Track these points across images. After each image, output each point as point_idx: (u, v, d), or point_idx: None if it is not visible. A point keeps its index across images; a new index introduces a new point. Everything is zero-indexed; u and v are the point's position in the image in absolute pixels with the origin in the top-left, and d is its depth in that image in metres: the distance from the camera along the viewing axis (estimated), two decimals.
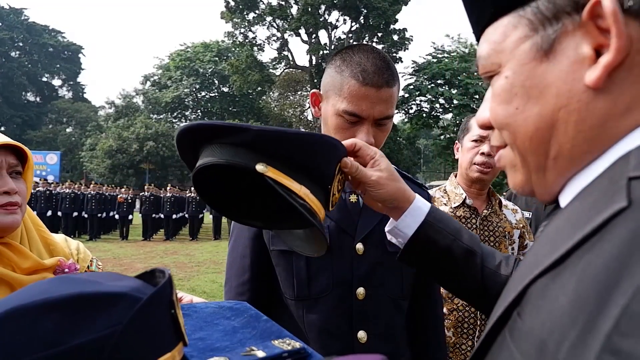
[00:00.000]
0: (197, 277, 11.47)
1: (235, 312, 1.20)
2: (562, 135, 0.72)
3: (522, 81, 0.75)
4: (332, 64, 1.61)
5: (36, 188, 20.15)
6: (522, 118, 0.76)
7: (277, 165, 1.10)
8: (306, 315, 1.62)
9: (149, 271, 0.76)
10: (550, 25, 0.70)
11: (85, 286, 0.64)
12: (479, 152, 2.63)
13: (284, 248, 1.63)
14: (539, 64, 0.72)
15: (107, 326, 0.60)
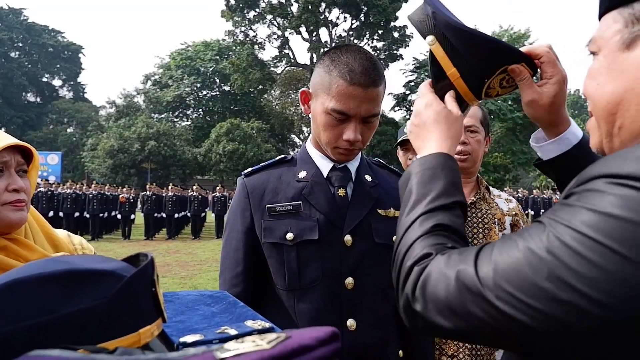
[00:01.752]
0: (200, 276, 11.45)
1: (215, 299, 1.31)
2: (626, 111, 0.89)
3: (608, 64, 0.93)
4: (321, 64, 1.71)
5: (38, 188, 20.10)
6: (600, 93, 0.94)
7: (446, 46, 1.28)
8: (297, 304, 1.70)
9: (134, 255, 0.84)
10: (637, 24, 0.88)
11: (76, 265, 0.72)
12: None
13: (275, 240, 1.73)
14: (622, 53, 0.90)
15: (95, 298, 0.68)
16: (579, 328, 0.68)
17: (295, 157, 1.89)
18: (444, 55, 1.29)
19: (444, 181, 1.09)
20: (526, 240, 0.76)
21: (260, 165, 1.89)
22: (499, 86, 1.30)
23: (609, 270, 0.64)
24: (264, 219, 1.75)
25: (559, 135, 1.30)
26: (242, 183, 1.84)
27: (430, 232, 0.99)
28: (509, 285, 0.75)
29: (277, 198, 1.76)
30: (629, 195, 0.66)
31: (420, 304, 0.89)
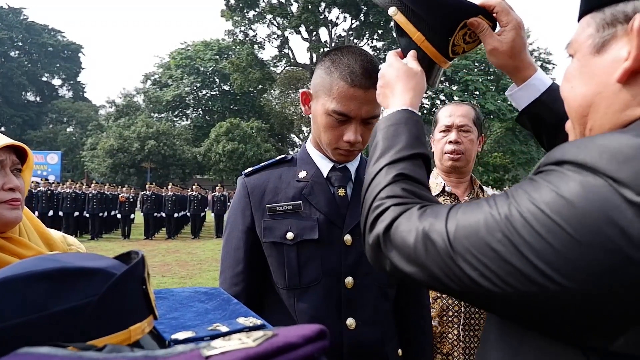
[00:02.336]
0: (199, 275, 11.46)
1: (210, 296, 1.32)
2: (596, 114, 0.93)
3: (580, 67, 0.97)
4: (322, 65, 1.73)
5: (37, 188, 20.13)
6: (573, 95, 0.99)
7: (407, 13, 1.39)
8: (297, 303, 1.71)
9: (126, 253, 0.85)
10: (607, 29, 0.90)
11: (67, 262, 0.72)
12: (447, 141, 2.67)
13: (275, 240, 1.74)
14: (593, 57, 0.93)
15: (85, 296, 0.68)
16: (522, 291, 0.75)
17: (295, 157, 1.90)
18: (406, 21, 1.40)
19: (406, 135, 1.18)
20: (490, 206, 0.83)
21: (260, 165, 1.90)
22: (463, 42, 1.41)
23: (555, 246, 0.71)
24: (264, 218, 1.76)
25: (525, 82, 1.40)
26: (242, 183, 1.85)
27: (395, 181, 1.08)
28: (467, 242, 0.83)
29: (277, 198, 1.77)
30: (586, 184, 0.70)
31: (389, 248, 0.98)
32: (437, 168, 2.83)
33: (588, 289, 0.69)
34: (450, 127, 2.67)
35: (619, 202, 0.67)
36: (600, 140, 0.75)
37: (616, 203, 0.67)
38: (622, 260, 0.66)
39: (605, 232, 0.67)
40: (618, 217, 0.66)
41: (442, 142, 2.71)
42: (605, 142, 0.74)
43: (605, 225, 0.67)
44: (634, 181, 0.67)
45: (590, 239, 0.68)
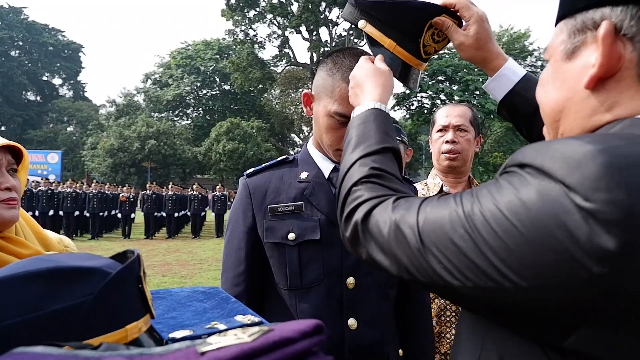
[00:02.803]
0: (200, 275, 11.46)
1: (208, 295, 1.31)
2: (566, 119, 0.96)
3: (553, 73, 0.99)
4: (324, 67, 1.73)
5: (38, 187, 20.15)
6: (546, 100, 1.01)
7: (375, 23, 1.49)
8: (299, 304, 1.72)
9: (122, 252, 0.85)
10: (578, 35, 0.92)
11: (61, 262, 0.72)
12: (444, 140, 2.70)
13: (277, 240, 1.74)
14: (564, 63, 0.95)
15: (80, 296, 0.68)
16: (480, 286, 0.78)
17: (297, 157, 1.91)
18: (375, 31, 1.50)
19: (375, 130, 1.25)
20: (456, 203, 0.86)
21: (262, 166, 1.90)
22: (432, 42, 1.49)
23: (510, 245, 0.74)
24: (265, 219, 1.76)
25: (497, 72, 1.46)
26: (244, 183, 1.85)
27: (368, 173, 1.14)
28: (433, 235, 0.87)
29: (279, 198, 1.78)
30: (541, 188, 0.73)
31: (367, 238, 1.03)
32: (435, 168, 2.85)
33: (539, 287, 0.72)
34: (447, 127, 2.70)
35: (569, 206, 0.69)
36: (556, 145, 0.76)
37: (567, 207, 0.69)
38: (570, 261, 0.68)
39: (555, 234, 0.69)
40: (567, 220, 0.68)
41: (439, 142, 2.73)
42: (559, 147, 0.75)
43: (555, 228, 0.69)
44: (581, 186, 0.68)
45: (541, 240, 0.71)
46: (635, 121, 0.83)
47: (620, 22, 0.85)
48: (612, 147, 0.71)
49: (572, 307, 0.71)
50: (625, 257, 0.65)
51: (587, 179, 0.69)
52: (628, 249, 0.65)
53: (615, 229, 0.65)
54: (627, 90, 0.86)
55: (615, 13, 0.85)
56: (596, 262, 0.66)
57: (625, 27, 0.84)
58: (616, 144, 0.73)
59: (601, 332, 0.71)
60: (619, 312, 0.68)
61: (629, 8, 0.84)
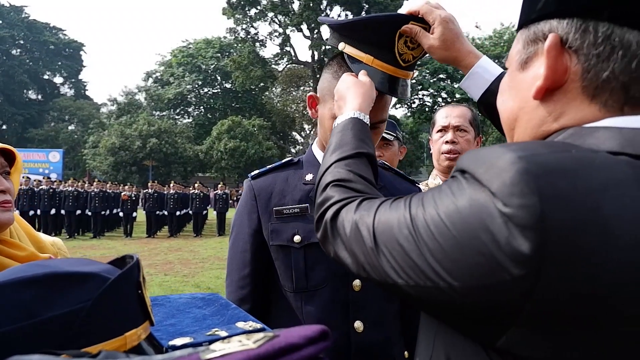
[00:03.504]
0: (202, 274, 11.47)
1: (207, 302, 1.32)
2: (519, 127, 0.98)
3: (509, 82, 1.02)
4: (329, 69, 1.74)
5: (39, 186, 20.17)
6: (504, 108, 1.04)
7: (353, 43, 1.59)
8: (304, 306, 1.71)
9: (120, 257, 0.83)
10: (531, 46, 0.93)
11: (57, 268, 0.70)
12: (444, 141, 2.72)
13: (282, 243, 1.74)
14: (519, 73, 0.97)
15: (78, 302, 0.66)
16: (421, 286, 0.82)
17: (302, 159, 1.90)
18: (353, 50, 1.59)
19: (352, 137, 1.32)
20: (405, 206, 0.90)
21: (266, 168, 1.89)
22: (407, 49, 1.55)
23: (444, 246, 0.77)
24: (271, 221, 1.76)
25: (469, 70, 1.50)
26: (248, 185, 1.84)
27: (341, 177, 1.20)
28: (384, 236, 0.91)
29: (284, 200, 1.77)
30: (472, 193, 0.76)
31: (334, 236, 1.09)
32: (436, 168, 2.87)
33: (469, 287, 0.75)
34: (446, 127, 2.72)
35: (494, 211, 0.72)
36: (485, 152, 0.80)
37: (491, 212, 0.72)
38: (494, 263, 0.71)
39: (480, 237, 0.73)
40: (491, 224, 0.72)
41: (439, 143, 2.75)
42: (487, 154, 0.79)
43: (481, 231, 0.73)
44: (501, 192, 0.72)
45: (470, 242, 0.74)
46: (577, 130, 0.85)
47: (566, 34, 0.86)
48: (532, 155, 0.74)
49: (499, 307, 0.73)
50: (540, 259, 0.68)
51: (505, 185, 0.72)
52: (541, 252, 0.68)
53: (529, 233, 0.68)
54: (572, 102, 0.88)
55: (562, 26, 0.87)
56: (515, 264, 0.70)
57: (570, 40, 0.86)
58: (538, 152, 0.75)
59: (528, 333, 0.73)
60: (542, 314, 0.71)
61: (574, 21, 0.85)
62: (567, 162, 0.74)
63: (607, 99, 0.85)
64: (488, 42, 42.15)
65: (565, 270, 0.68)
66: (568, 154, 0.76)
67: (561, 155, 0.75)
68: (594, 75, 0.85)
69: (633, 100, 0.84)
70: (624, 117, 0.84)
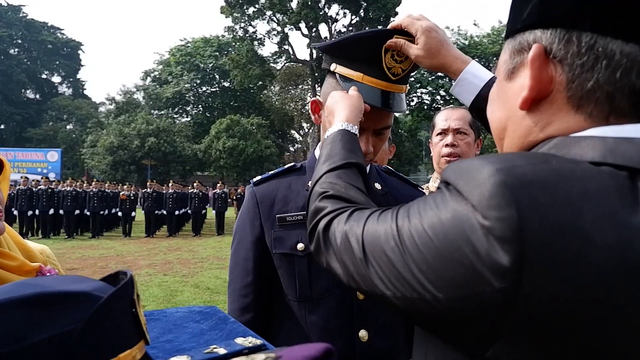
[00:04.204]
0: (201, 274, 11.46)
1: (205, 315, 1.28)
2: (507, 137, 0.98)
3: (498, 92, 1.02)
4: (333, 74, 1.70)
5: (38, 186, 20.16)
6: (493, 117, 1.04)
7: (343, 62, 1.61)
8: (308, 315, 1.68)
9: (113, 273, 0.78)
10: (517, 56, 0.93)
11: (47, 287, 0.66)
12: (444, 144, 2.71)
13: (286, 251, 1.70)
14: (506, 82, 0.97)
15: (69, 323, 0.62)
16: (408, 297, 0.83)
17: (305, 165, 1.86)
18: (344, 69, 1.61)
19: (341, 148, 1.34)
20: (392, 217, 0.91)
21: (269, 174, 1.86)
22: (395, 62, 1.56)
23: (428, 258, 0.78)
24: (274, 229, 1.72)
25: (458, 77, 1.50)
26: (251, 192, 1.80)
27: (332, 188, 1.21)
28: (371, 247, 0.92)
29: (287, 207, 1.74)
30: (454, 205, 0.77)
31: (327, 247, 1.09)
32: (436, 172, 2.88)
33: (454, 299, 0.76)
34: (446, 130, 2.71)
35: (475, 224, 0.73)
36: (465, 165, 0.80)
37: (472, 224, 0.73)
38: (475, 275, 0.72)
39: (462, 249, 0.73)
40: (472, 236, 0.73)
41: (439, 146, 2.74)
42: (468, 167, 0.79)
43: (462, 243, 0.74)
44: (480, 205, 0.73)
45: (452, 253, 0.75)
46: (561, 141, 0.85)
47: (550, 44, 0.86)
48: (509, 167, 0.75)
49: (483, 319, 0.74)
50: (520, 271, 0.68)
51: (484, 198, 0.73)
52: (521, 264, 0.68)
53: (508, 245, 0.69)
54: (558, 112, 0.87)
55: (546, 36, 0.87)
56: (496, 276, 0.70)
57: (554, 50, 0.85)
58: (517, 163, 0.76)
59: (516, 344, 0.73)
60: (527, 324, 0.71)
61: (558, 31, 0.85)
62: (546, 173, 0.74)
63: (592, 109, 0.84)
64: (486, 40, 42.24)
65: (546, 280, 0.69)
66: (547, 165, 0.76)
67: (540, 166, 0.75)
68: (579, 85, 0.84)
69: (618, 110, 0.83)
70: (609, 127, 0.83)
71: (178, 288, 9.76)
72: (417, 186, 2.03)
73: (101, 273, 11.38)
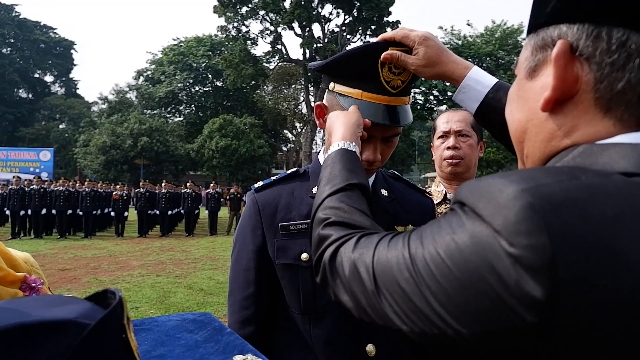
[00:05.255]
0: (194, 274, 11.39)
1: (199, 325, 1.22)
2: (528, 141, 0.90)
3: (517, 91, 0.93)
4: None
5: (30, 186, 20.05)
6: (512, 119, 0.95)
7: (340, 81, 1.55)
8: (313, 329, 1.59)
9: (101, 292, 0.70)
10: (539, 53, 0.85)
11: (26, 314, 0.59)
12: (446, 147, 2.65)
13: (289, 261, 1.61)
14: (527, 81, 0.89)
15: (54, 355, 0.56)
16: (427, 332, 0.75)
17: (308, 170, 1.78)
18: (342, 87, 1.54)
19: (341, 169, 1.27)
20: (404, 244, 0.83)
21: (271, 180, 1.77)
22: (393, 75, 1.50)
23: (448, 290, 0.71)
24: (276, 238, 1.64)
25: (460, 83, 1.45)
26: (252, 199, 1.72)
27: (335, 213, 1.13)
28: (384, 277, 0.84)
29: (290, 215, 1.65)
30: (473, 230, 0.70)
31: (334, 277, 1.00)
32: (439, 175, 2.79)
33: (478, 335, 0.69)
34: (448, 132, 2.64)
35: (499, 250, 0.66)
36: (484, 184, 0.73)
37: (496, 251, 0.66)
38: (504, 309, 0.65)
39: (487, 279, 0.67)
40: (497, 265, 0.66)
41: (440, 149, 2.68)
42: (486, 187, 0.72)
43: (486, 273, 0.67)
44: (505, 230, 0.66)
45: (475, 284, 0.68)
46: (587, 149, 0.78)
47: (576, 41, 0.79)
48: (536, 187, 0.67)
49: (515, 351, 0.68)
50: (555, 304, 0.62)
51: (509, 222, 0.66)
52: (556, 295, 0.62)
53: (541, 276, 0.62)
54: (584, 115, 0.80)
55: (572, 31, 0.79)
56: (528, 310, 0.63)
57: (581, 47, 0.78)
58: (543, 181, 0.68)
59: None
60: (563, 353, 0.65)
61: (585, 26, 0.78)
62: (576, 192, 0.67)
63: (623, 113, 0.77)
64: (480, 40, 42.26)
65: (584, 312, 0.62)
66: (577, 181, 0.68)
67: (569, 184, 0.68)
68: (608, 85, 0.77)
69: None
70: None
71: (171, 289, 9.72)
72: (424, 192, 1.95)
73: (93, 274, 11.37)
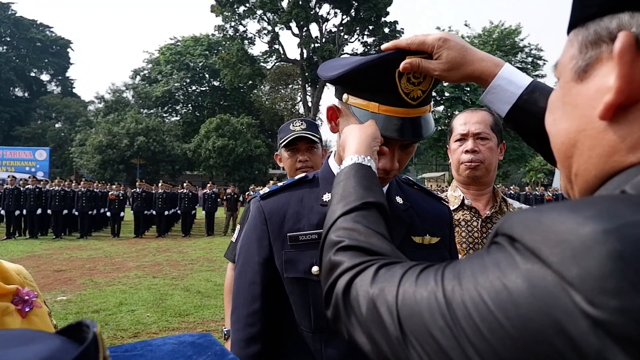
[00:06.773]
0: (191, 276, 11.28)
1: (198, 349, 1.06)
2: (579, 156, 0.74)
3: (562, 97, 0.77)
4: None
5: (26, 185, 19.95)
6: (556, 130, 0.79)
7: (355, 92, 1.41)
8: (325, 349, 1.47)
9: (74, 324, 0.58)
10: (591, 50, 0.71)
11: None
12: (464, 150, 2.53)
13: (299, 275, 1.49)
14: (575, 84, 0.73)
15: None
16: None
17: (317, 176, 1.66)
18: (357, 99, 1.41)
19: (355, 186, 1.13)
20: (436, 283, 0.69)
21: (278, 187, 1.65)
22: (412, 85, 1.36)
23: (497, 348, 0.57)
24: (285, 249, 1.52)
25: (490, 84, 1.30)
26: (257, 207, 1.60)
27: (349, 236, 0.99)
28: (411, 322, 0.70)
29: (299, 225, 1.53)
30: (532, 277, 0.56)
31: (348, 313, 0.85)
32: (455, 180, 2.68)
33: None
34: (466, 135, 2.51)
35: (570, 307, 0.52)
36: (547, 220, 0.58)
37: (568, 309, 0.52)
38: None
39: (552, 343, 0.52)
40: (570, 326, 0.52)
41: (458, 152, 2.56)
42: (551, 224, 0.57)
43: (553, 335, 0.52)
44: (582, 284, 0.51)
45: (534, 345, 0.54)
46: None
47: None
48: (622, 227, 0.52)
49: None
50: None
51: (589, 275, 0.51)
52: None
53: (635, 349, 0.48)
54: None
55: (637, 21, 0.64)
56: None
57: None
58: (630, 219, 0.53)
59: None
60: None
61: None
62: None
63: None
64: (477, 41, 42.22)
65: None
66: None
67: None
68: None
69: None
70: None
71: (168, 291, 9.60)
72: (441, 199, 1.82)
73: (89, 275, 11.30)
